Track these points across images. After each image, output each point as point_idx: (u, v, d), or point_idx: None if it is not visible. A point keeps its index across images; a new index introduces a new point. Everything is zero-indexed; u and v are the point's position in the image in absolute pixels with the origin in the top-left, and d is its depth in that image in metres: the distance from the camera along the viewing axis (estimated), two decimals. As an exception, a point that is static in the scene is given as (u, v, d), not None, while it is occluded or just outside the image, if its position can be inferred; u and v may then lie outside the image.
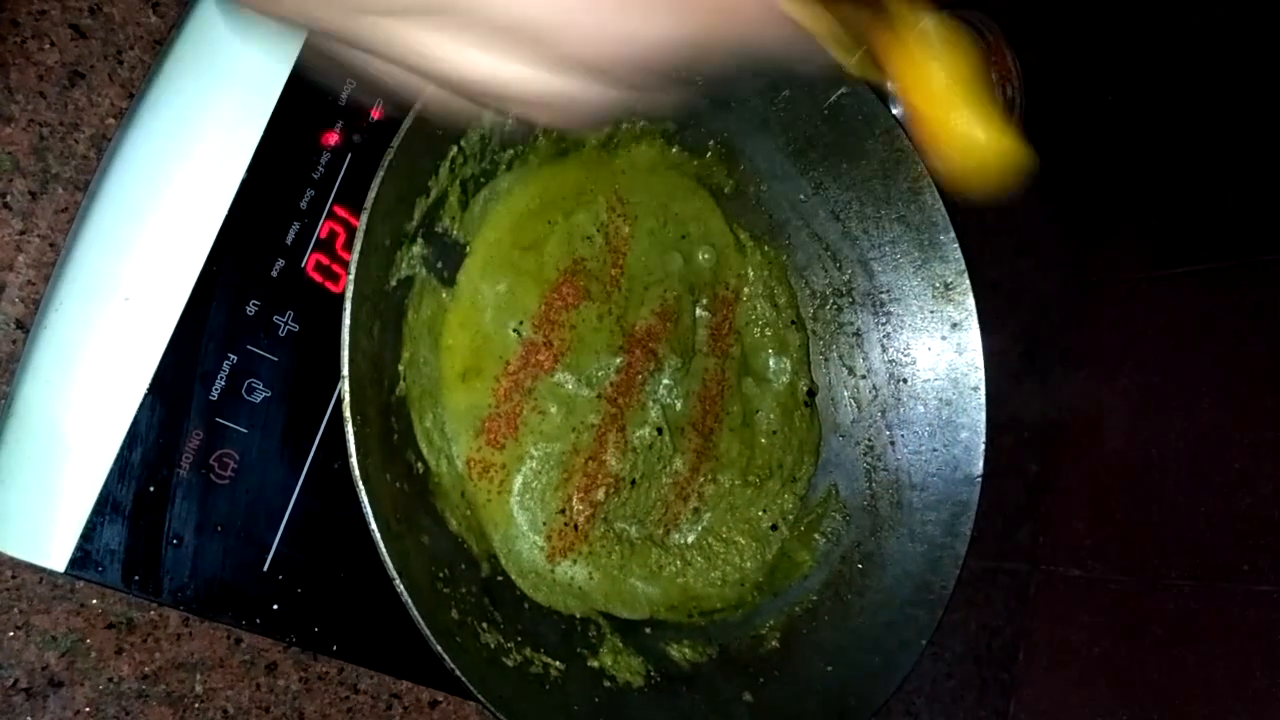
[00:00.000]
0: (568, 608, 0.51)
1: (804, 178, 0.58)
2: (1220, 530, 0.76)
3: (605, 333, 0.53)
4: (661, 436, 0.55)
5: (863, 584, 0.56)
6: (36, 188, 0.45)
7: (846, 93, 0.54)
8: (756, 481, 0.58)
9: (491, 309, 0.49)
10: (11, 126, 0.44)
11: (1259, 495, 0.75)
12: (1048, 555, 0.85)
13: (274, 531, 0.45)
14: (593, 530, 0.52)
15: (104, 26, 0.46)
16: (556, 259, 0.52)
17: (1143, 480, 0.82)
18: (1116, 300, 0.88)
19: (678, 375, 0.56)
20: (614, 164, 0.55)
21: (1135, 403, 0.84)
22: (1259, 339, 0.79)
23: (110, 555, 0.41)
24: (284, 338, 0.45)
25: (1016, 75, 0.66)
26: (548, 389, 0.51)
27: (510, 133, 0.48)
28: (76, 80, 0.46)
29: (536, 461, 0.51)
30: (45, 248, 0.45)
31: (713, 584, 0.56)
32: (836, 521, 0.59)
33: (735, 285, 0.59)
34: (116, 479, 0.41)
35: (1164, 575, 0.78)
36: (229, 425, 0.44)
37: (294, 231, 0.45)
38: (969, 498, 0.56)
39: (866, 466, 0.60)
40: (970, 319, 0.58)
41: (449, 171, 0.46)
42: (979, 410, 0.57)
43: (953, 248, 0.57)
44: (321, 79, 0.45)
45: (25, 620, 0.44)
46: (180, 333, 0.42)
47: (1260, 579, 0.73)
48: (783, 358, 0.60)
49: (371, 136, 0.47)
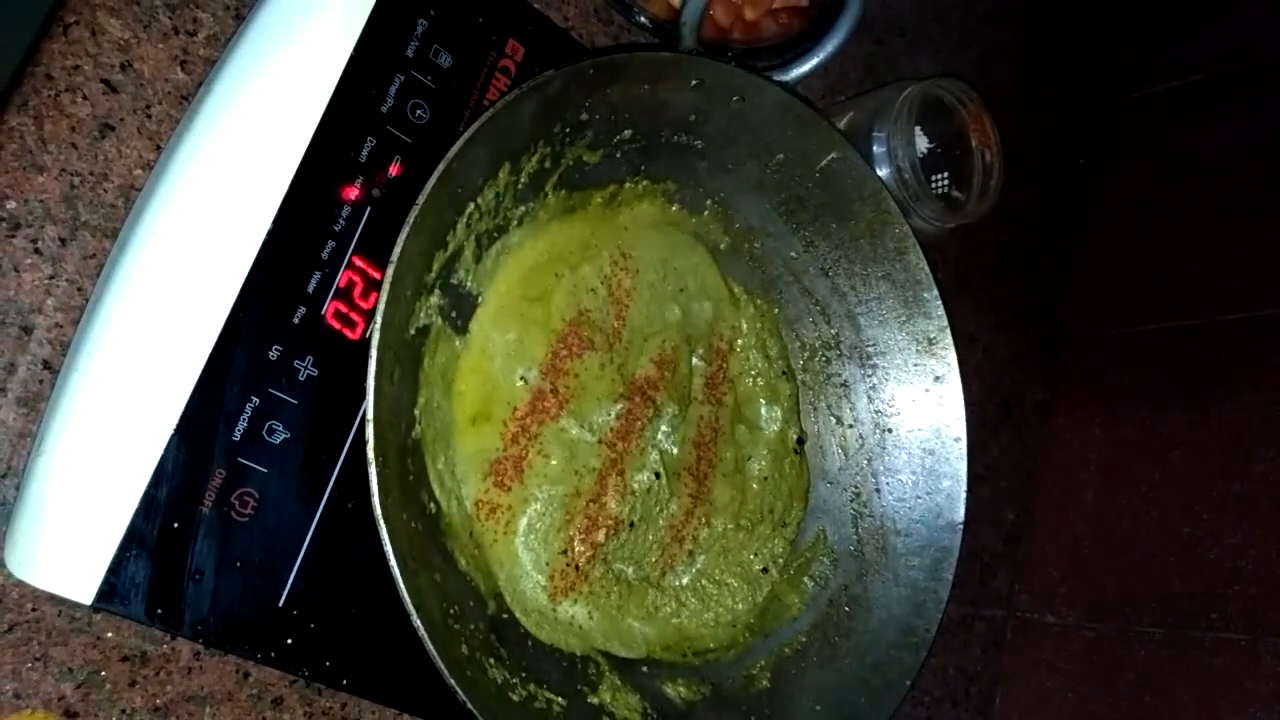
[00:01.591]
0: (569, 646, 0.53)
1: (795, 236, 0.61)
2: (1190, 579, 0.79)
3: (607, 380, 0.55)
4: (659, 481, 0.57)
5: (850, 626, 0.58)
6: (66, 234, 0.47)
7: (836, 158, 0.57)
8: (748, 526, 0.60)
9: (501, 357, 0.52)
10: (44, 175, 0.46)
11: (1226, 546, 0.78)
12: (1024, 602, 0.87)
13: (290, 568, 0.46)
14: (593, 571, 0.54)
15: (134, 82, 0.48)
16: (563, 310, 0.54)
17: (1115, 530, 0.84)
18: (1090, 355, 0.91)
19: (675, 422, 0.58)
20: (618, 220, 0.57)
21: (1108, 454, 0.87)
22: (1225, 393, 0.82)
23: (135, 589, 0.42)
24: (304, 382, 0.47)
25: (995, 142, 0.69)
26: (552, 434, 0.53)
27: (522, 190, 0.51)
28: (107, 132, 0.48)
29: (541, 503, 0.53)
30: (73, 292, 0.47)
31: (706, 625, 0.58)
32: (824, 565, 0.61)
33: (730, 336, 0.62)
34: (143, 515, 0.42)
35: (1135, 623, 0.80)
36: (250, 465, 0.45)
37: (315, 281, 0.47)
38: (951, 544, 0.58)
39: (853, 512, 0.62)
40: (952, 373, 0.60)
41: (466, 227, 0.48)
42: (960, 460, 0.60)
43: (936, 305, 0.60)
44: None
45: (44, 652, 0.45)
46: (206, 376, 0.44)
47: (1228, 627, 0.75)
48: (774, 406, 0.63)
49: (390, 191, 0.49)
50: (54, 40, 0.47)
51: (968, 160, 0.70)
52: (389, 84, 0.50)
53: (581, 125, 0.51)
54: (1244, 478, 0.78)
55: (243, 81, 0.47)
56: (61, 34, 0.47)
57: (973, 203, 0.69)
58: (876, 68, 0.79)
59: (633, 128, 0.53)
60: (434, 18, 0.51)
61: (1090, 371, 0.91)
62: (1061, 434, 0.90)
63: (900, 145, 0.64)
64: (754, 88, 0.54)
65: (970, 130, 0.69)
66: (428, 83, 0.51)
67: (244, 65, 0.47)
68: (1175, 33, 0.99)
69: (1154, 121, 0.97)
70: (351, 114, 0.48)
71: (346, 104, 0.48)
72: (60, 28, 0.47)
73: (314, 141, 0.47)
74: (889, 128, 0.65)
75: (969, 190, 0.69)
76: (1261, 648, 0.73)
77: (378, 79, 0.49)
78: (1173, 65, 0.96)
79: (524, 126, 0.48)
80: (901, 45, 0.82)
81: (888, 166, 0.65)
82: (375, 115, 0.49)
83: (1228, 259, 0.86)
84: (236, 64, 0.47)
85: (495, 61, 0.53)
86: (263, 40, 0.48)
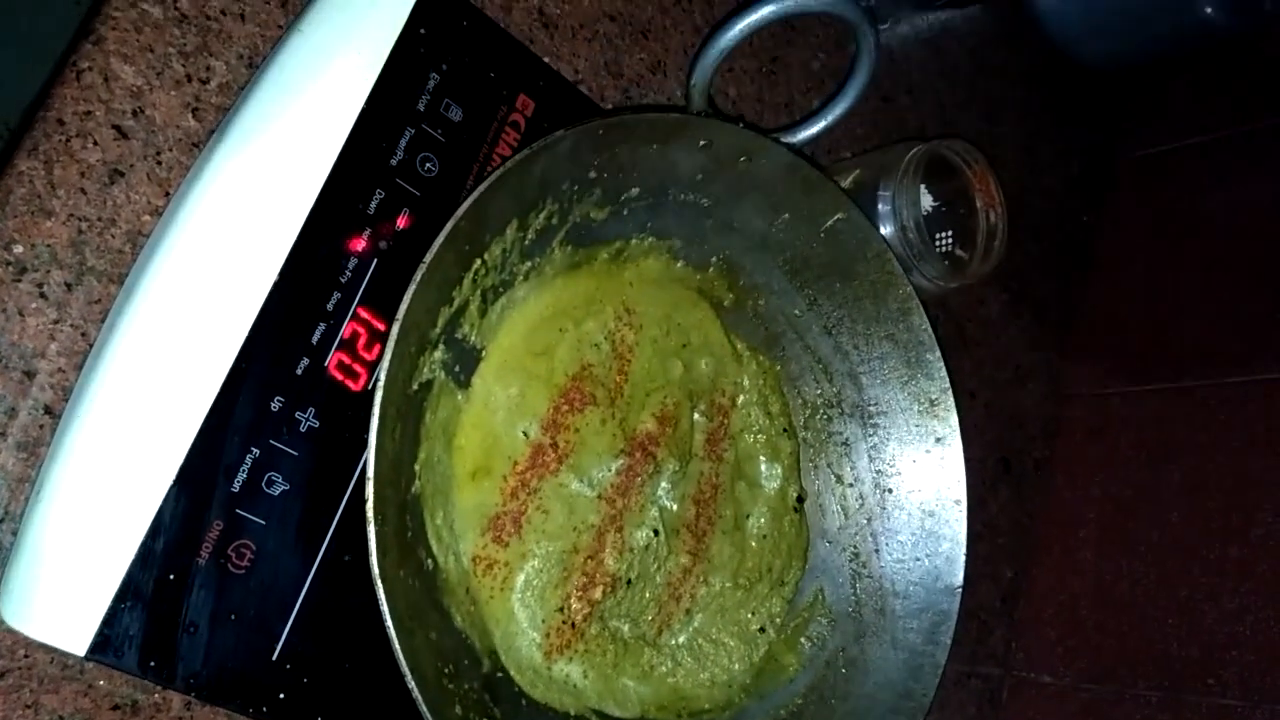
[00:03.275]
0: (563, 705, 0.52)
1: (799, 294, 0.61)
2: (1186, 642, 0.78)
3: (608, 436, 0.55)
4: (658, 537, 0.56)
5: (846, 689, 0.58)
6: (72, 279, 0.47)
7: (842, 219, 0.57)
8: (746, 584, 0.60)
9: (503, 411, 0.52)
10: (52, 220, 0.46)
11: (1224, 610, 0.77)
12: (1020, 661, 0.86)
13: (284, 622, 0.46)
14: (589, 629, 0.54)
15: (145, 128, 0.49)
16: (566, 364, 0.54)
17: (1112, 590, 0.84)
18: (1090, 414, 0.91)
19: (675, 478, 0.58)
20: (623, 276, 0.57)
21: (1106, 514, 0.87)
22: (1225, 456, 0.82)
23: (129, 641, 0.42)
24: (304, 433, 0.47)
25: (999, 202, 0.70)
26: (552, 489, 0.53)
27: (529, 246, 0.51)
28: (116, 178, 0.48)
29: (539, 559, 0.52)
30: (77, 337, 0.46)
31: (702, 685, 0.58)
32: (822, 626, 0.61)
33: (732, 393, 0.62)
34: (139, 567, 0.42)
35: (1132, 685, 0.80)
36: (248, 517, 0.45)
37: (320, 332, 0.47)
38: (950, 607, 0.58)
39: (852, 572, 0.62)
40: (953, 435, 0.60)
41: (472, 282, 0.48)
42: (960, 523, 0.60)
43: (938, 366, 0.60)
44: None
45: (35, 699, 0.45)
46: (207, 426, 0.44)
47: (1226, 693, 0.75)
48: (774, 464, 0.63)
49: (397, 244, 0.49)
50: (66, 85, 0.47)
51: (972, 220, 0.70)
52: (399, 137, 0.50)
53: (590, 183, 0.51)
54: (1243, 542, 0.78)
55: (254, 130, 0.47)
56: (74, 79, 0.47)
57: (976, 262, 0.69)
58: (883, 124, 0.80)
59: (641, 186, 0.53)
60: (445, 72, 0.52)
61: (1090, 430, 0.91)
62: (1061, 492, 0.90)
63: (905, 204, 0.65)
64: (761, 149, 0.54)
65: (975, 190, 0.69)
66: (438, 136, 0.51)
67: (256, 114, 0.48)
68: (1176, 95, 1.00)
69: (1155, 181, 0.97)
70: (361, 166, 0.49)
71: (356, 155, 0.48)
72: (73, 73, 0.47)
73: (323, 192, 0.47)
74: (894, 186, 0.65)
75: (973, 250, 0.69)
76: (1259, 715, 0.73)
77: (388, 131, 0.50)
78: (1173, 127, 0.97)
79: (533, 184, 0.48)
80: (908, 101, 0.83)
81: (892, 225, 0.65)
82: (385, 168, 0.50)
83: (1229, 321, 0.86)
84: (248, 112, 0.48)
85: (505, 116, 0.54)
86: (275, 90, 0.48)
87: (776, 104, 0.73)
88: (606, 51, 0.63)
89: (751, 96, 0.72)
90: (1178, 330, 0.89)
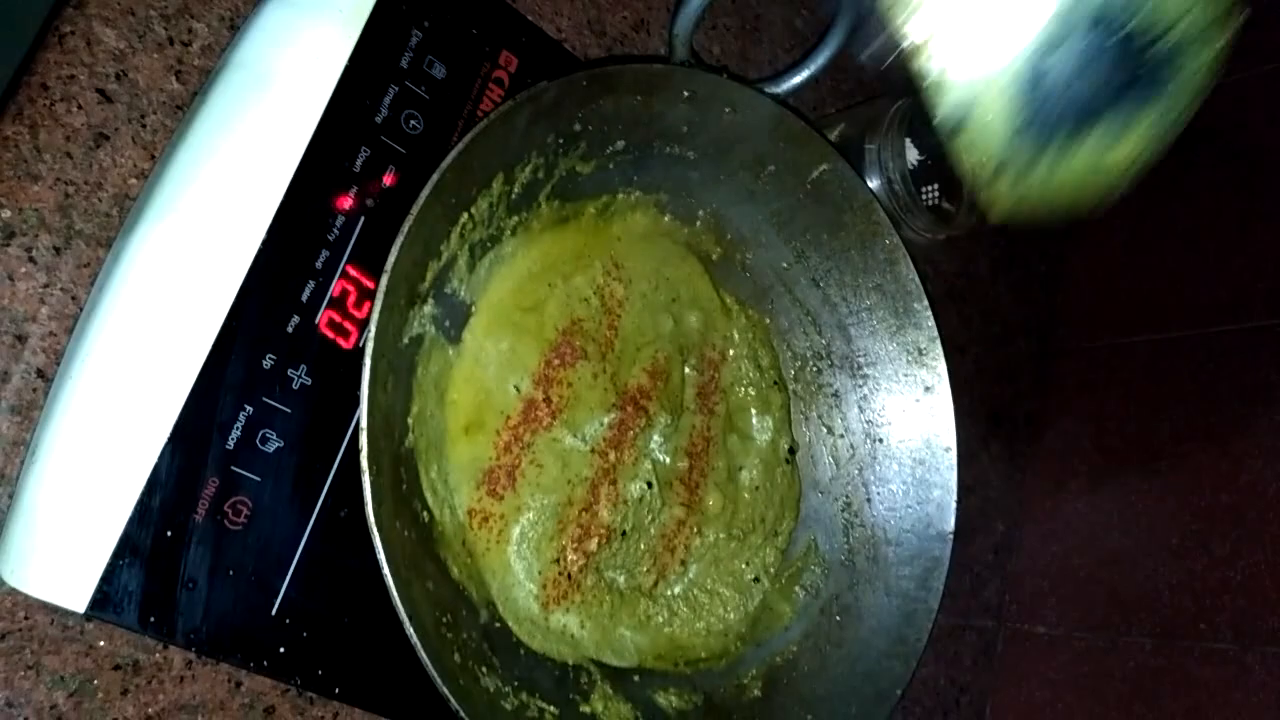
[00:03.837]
0: (561, 655, 0.53)
1: (787, 247, 0.62)
2: (1178, 590, 0.79)
3: (600, 390, 0.55)
4: (651, 490, 0.57)
5: (841, 635, 0.59)
6: (60, 243, 0.47)
7: (828, 169, 0.58)
8: (740, 535, 0.61)
9: (494, 366, 0.52)
10: (39, 184, 0.46)
11: (1214, 556, 0.78)
12: (1014, 613, 0.87)
13: (282, 577, 0.46)
14: (585, 580, 0.55)
15: (129, 91, 0.49)
16: (555, 319, 0.54)
17: (1104, 540, 0.85)
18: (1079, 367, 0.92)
19: (667, 431, 0.58)
20: (610, 231, 0.58)
21: (1097, 466, 0.88)
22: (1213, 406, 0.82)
23: (128, 597, 0.42)
24: (297, 391, 0.47)
25: (985, 154, 0.70)
26: (545, 443, 0.53)
27: (516, 200, 0.51)
28: (102, 142, 0.48)
29: (533, 512, 0.53)
30: (67, 301, 0.47)
31: (698, 634, 0.58)
32: (816, 575, 0.61)
33: (722, 347, 0.62)
34: (136, 524, 0.42)
35: (1125, 633, 0.80)
36: (243, 474, 0.45)
37: (309, 290, 0.48)
38: (941, 554, 0.59)
39: (844, 522, 0.62)
40: (942, 383, 0.61)
41: (459, 236, 0.49)
42: (950, 470, 0.60)
43: (926, 315, 0.60)
44: None
45: (36, 660, 0.45)
46: (201, 385, 0.44)
47: (1217, 637, 0.76)
48: (765, 416, 0.63)
49: (384, 201, 0.50)
50: (49, 50, 0.47)
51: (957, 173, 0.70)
52: (383, 95, 0.50)
53: (575, 136, 0.51)
54: (1233, 489, 0.79)
55: (238, 91, 0.47)
56: (57, 44, 0.47)
57: (963, 214, 0.69)
58: (868, 80, 0.80)
59: (626, 139, 0.53)
60: (428, 29, 0.52)
61: (1080, 382, 0.91)
62: (1051, 445, 0.91)
63: (890, 158, 0.65)
64: (745, 100, 0.54)
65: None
66: (421, 93, 0.51)
67: (239, 75, 0.48)
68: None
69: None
70: (346, 124, 0.49)
71: (341, 114, 0.48)
72: (56, 37, 0.47)
73: (308, 151, 0.47)
74: (879, 140, 0.65)
75: (959, 202, 0.70)
76: (1251, 658, 0.74)
77: (372, 89, 0.50)
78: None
79: (518, 137, 0.48)
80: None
81: (878, 178, 0.65)
82: (369, 125, 0.50)
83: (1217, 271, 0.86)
84: (231, 74, 0.48)
85: (489, 73, 0.54)
86: (257, 51, 0.48)
87: (760, 61, 0.73)
88: (589, 10, 0.63)
89: (735, 54, 0.72)
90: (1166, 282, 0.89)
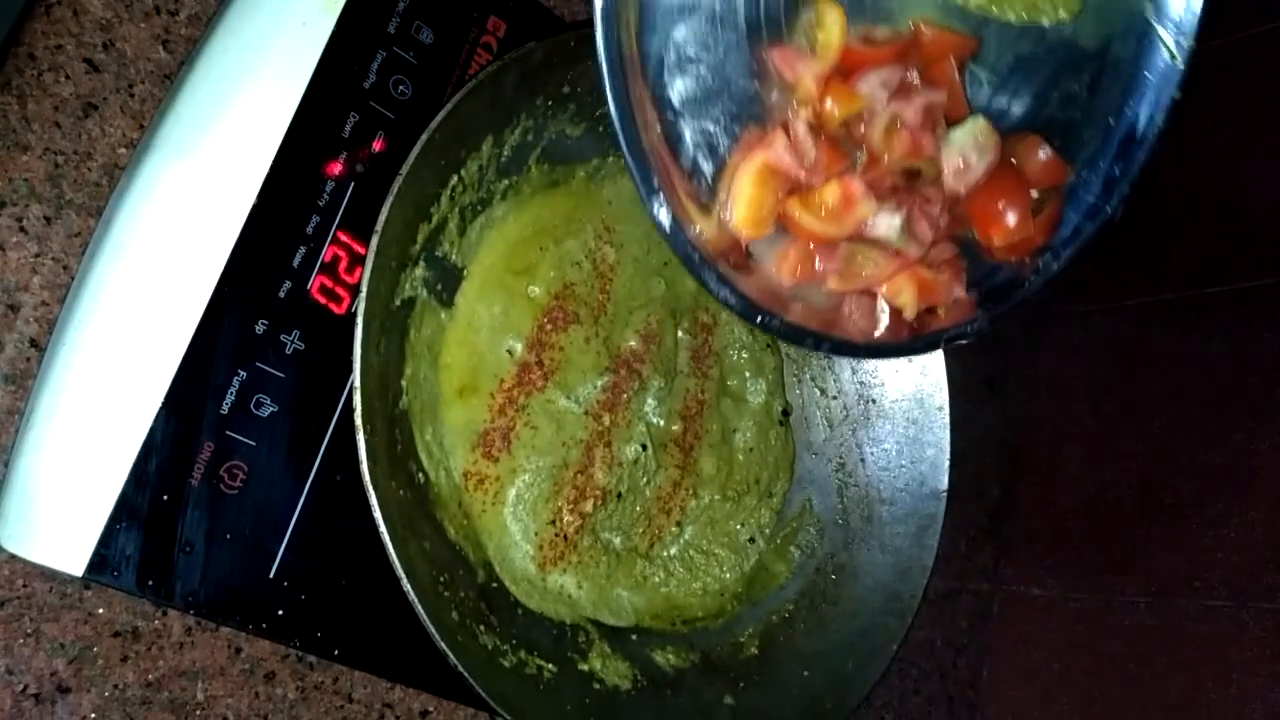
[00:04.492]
0: (558, 615, 0.53)
1: (778, 209, 0.61)
2: (1172, 549, 0.79)
3: (593, 353, 0.56)
4: (646, 452, 0.57)
5: (836, 593, 0.59)
6: (51, 213, 0.47)
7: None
8: (735, 496, 0.61)
9: (487, 329, 0.52)
10: (28, 155, 0.46)
11: (1207, 515, 0.78)
12: (1009, 575, 0.87)
13: (279, 540, 0.47)
14: (581, 541, 0.55)
15: (116, 61, 0.49)
16: (548, 283, 0.55)
17: (1098, 502, 0.85)
18: (1073, 330, 0.92)
19: (661, 395, 0.58)
20: (601, 194, 0.58)
21: (1090, 428, 0.88)
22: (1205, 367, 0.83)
23: (126, 561, 0.43)
24: (290, 355, 0.47)
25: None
26: (539, 405, 0.54)
27: (506, 163, 0.51)
28: (90, 111, 0.48)
29: (529, 474, 0.53)
30: (59, 270, 0.47)
31: (694, 594, 0.59)
32: (811, 534, 0.62)
33: (714, 310, 0.62)
34: (133, 488, 0.43)
35: (1120, 593, 0.81)
36: (238, 438, 0.46)
37: (300, 255, 0.48)
38: (935, 511, 0.59)
39: (838, 482, 0.63)
40: (934, 343, 0.61)
41: (449, 199, 0.49)
42: (944, 429, 0.61)
43: (917, 275, 0.61)
44: None
45: (35, 628, 0.45)
46: (193, 350, 0.44)
47: (1211, 594, 0.76)
48: (759, 379, 0.63)
49: (373, 167, 0.50)
50: (36, 20, 0.47)
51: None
52: (371, 60, 0.50)
53: (564, 98, 0.51)
54: (1225, 447, 0.79)
55: (224, 60, 0.47)
56: (44, 14, 0.47)
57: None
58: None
59: (615, 101, 0.53)
60: (415, -7, 0.51)
61: (1073, 345, 0.91)
62: (1044, 408, 0.91)
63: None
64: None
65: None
66: (409, 59, 0.51)
67: (225, 44, 0.47)
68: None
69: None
70: (334, 90, 0.49)
71: (329, 80, 0.48)
72: (43, 8, 0.47)
73: (297, 118, 0.47)
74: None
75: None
76: (1245, 615, 0.74)
77: (359, 55, 0.50)
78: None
79: (506, 99, 0.48)
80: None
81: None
82: (358, 91, 0.50)
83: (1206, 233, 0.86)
84: (218, 42, 0.48)
85: (477, 38, 0.54)
86: (243, 18, 0.48)
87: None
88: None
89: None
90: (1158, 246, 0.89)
